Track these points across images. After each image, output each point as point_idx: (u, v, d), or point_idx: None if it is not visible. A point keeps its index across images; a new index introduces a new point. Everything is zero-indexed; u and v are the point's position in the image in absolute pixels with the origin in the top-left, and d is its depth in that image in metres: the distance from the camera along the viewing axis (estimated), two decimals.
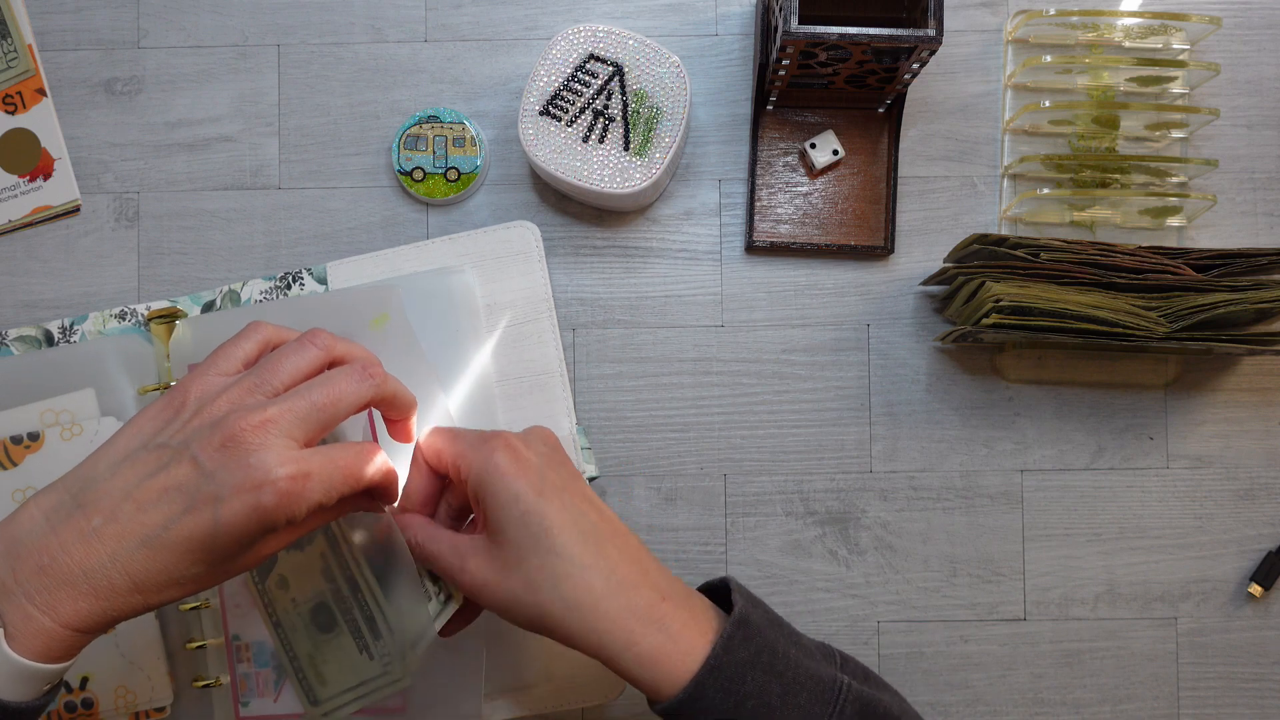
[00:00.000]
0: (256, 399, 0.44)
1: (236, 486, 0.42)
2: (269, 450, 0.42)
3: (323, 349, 0.47)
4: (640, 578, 0.47)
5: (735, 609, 0.47)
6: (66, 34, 0.65)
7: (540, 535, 0.46)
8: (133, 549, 0.42)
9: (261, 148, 0.65)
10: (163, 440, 0.44)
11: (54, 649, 0.42)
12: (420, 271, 0.62)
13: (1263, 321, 0.60)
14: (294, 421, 0.44)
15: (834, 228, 0.64)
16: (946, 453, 0.64)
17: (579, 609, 0.45)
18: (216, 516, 0.42)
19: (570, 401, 0.62)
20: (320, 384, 0.45)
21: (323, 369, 0.47)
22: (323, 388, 0.45)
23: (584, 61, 0.60)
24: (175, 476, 0.42)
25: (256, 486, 0.42)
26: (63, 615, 0.41)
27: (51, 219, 0.65)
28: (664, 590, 0.47)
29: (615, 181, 0.59)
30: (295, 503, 0.43)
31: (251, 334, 0.48)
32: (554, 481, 0.47)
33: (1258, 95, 0.65)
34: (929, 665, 0.63)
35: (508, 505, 0.46)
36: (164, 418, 0.45)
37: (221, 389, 0.45)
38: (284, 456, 0.43)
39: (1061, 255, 0.57)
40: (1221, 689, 0.63)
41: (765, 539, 0.63)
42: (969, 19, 0.65)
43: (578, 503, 0.47)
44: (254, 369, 0.46)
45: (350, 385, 0.46)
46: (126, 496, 0.42)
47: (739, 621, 0.46)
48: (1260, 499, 0.64)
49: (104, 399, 0.60)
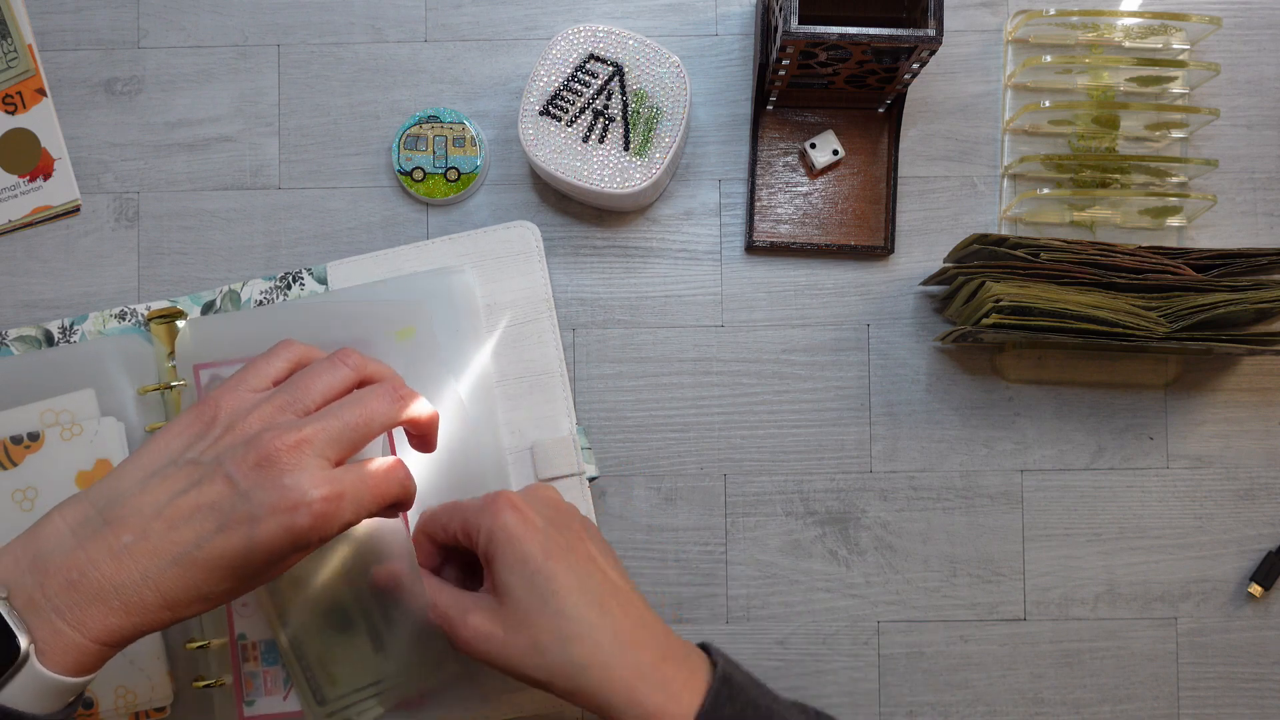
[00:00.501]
0: (289, 418, 0.45)
1: (272, 507, 0.42)
2: (304, 471, 0.43)
3: (354, 369, 0.48)
4: (644, 636, 0.48)
5: (719, 668, 0.48)
6: (66, 34, 0.65)
7: (548, 597, 0.47)
8: (164, 567, 0.42)
9: (261, 148, 0.65)
10: (193, 456, 0.44)
11: (83, 663, 0.42)
12: (420, 271, 0.62)
13: (1263, 321, 0.60)
14: (327, 442, 0.44)
15: (834, 228, 0.64)
16: (946, 453, 0.64)
17: (587, 669, 0.47)
18: (251, 536, 0.42)
19: (570, 402, 0.62)
20: (352, 404, 0.46)
21: (353, 388, 0.48)
22: (355, 408, 0.45)
23: (584, 61, 0.60)
24: (208, 494, 0.42)
25: (292, 508, 0.42)
26: (92, 630, 0.41)
27: (51, 219, 0.65)
28: (665, 649, 0.48)
29: (615, 181, 0.59)
30: (329, 523, 0.43)
31: (282, 352, 0.49)
32: (560, 543, 0.49)
33: (1258, 95, 0.65)
34: (929, 665, 0.63)
35: (515, 567, 0.48)
36: (193, 432, 0.45)
37: (253, 405, 0.45)
38: (319, 478, 0.43)
39: (1061, 255, 0.57)
40: (1221, 689, 0.63)
41: (765, 539, 0.63)
42: (969, 19, 0.65)
43: (583, 563, 0.49)
44: (285, 386, 0.46)
45: (381, 406, 0.46)
46: (157, 514, 0.42)
47: (724, 679, 0.48)
48: (1260, 499, 0.64)
49: (104, 399, 0.60)
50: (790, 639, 0.63)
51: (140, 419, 0.60)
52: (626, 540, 0.63)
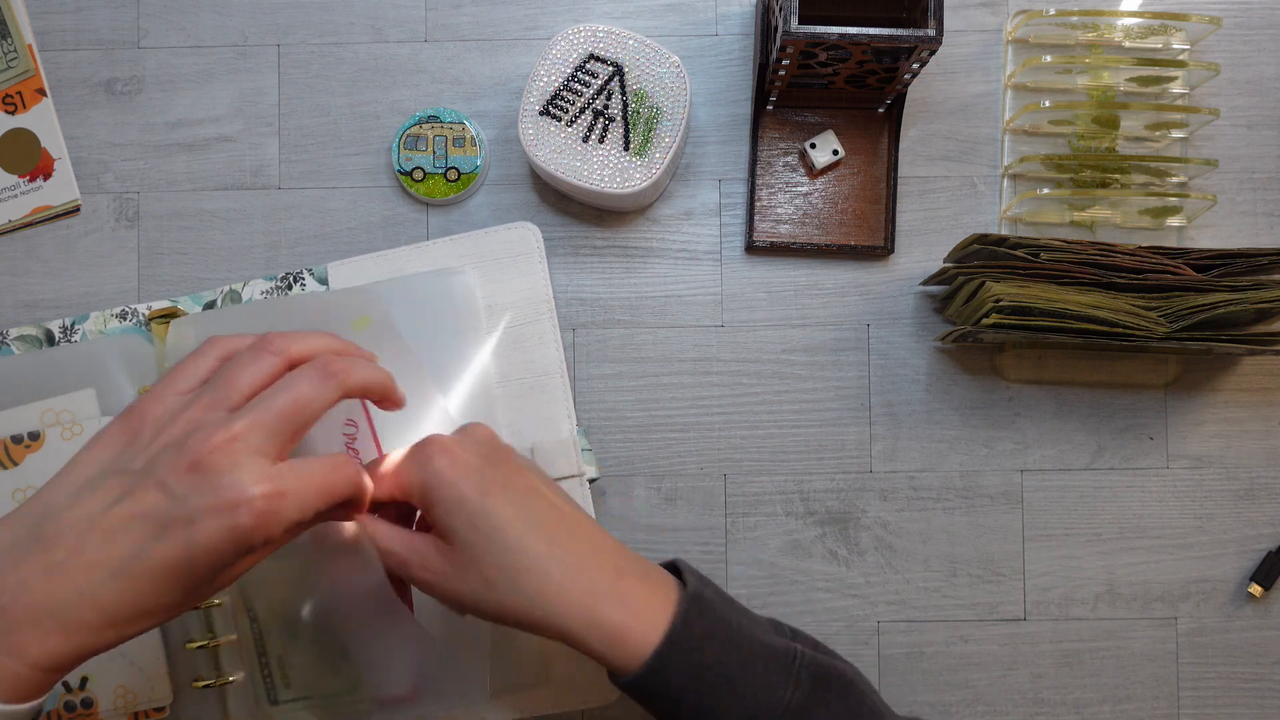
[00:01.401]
0: (217, 415, 0.43)
1: (210, 508, 0.40)
2: (241, 469, 0.41)
3: (277, 354, 0.45)
4: (596, 558, 0.47)
5: (689, 586, 0.47)
6: (66, 34, 0.65)
7: (491, 534, 0.46)
8: (102, 581, 0.40)
9: (261, 148, 0.65)
10: (124, 465, 0.42)
11: (24, 690, 0.40)
12: (421, 272, 0.62)
13: (1263, 321, 0.60)
14: (262, 436, 0.42)
15: (834, 228, 0.64)
16: (946, 453, 0.64)
17: (539, 598, 0.45)
18: (191, 541, 0.40)
19: (571, 403, 0.62)
20: (281, 390, 0.43)
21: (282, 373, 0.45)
22: (284, 394, 0.43)
23: (584, 61, 0.60)
24: (142, 503, 0.40)
25: (231, 507, 0.40)
26: (30, 656, 0.39)
27: (51, 219, 0.65)
28: (621, 567, 0.47)
29: (615, 181, 0.59)
30: (272, 522, 0.41)
31: (207, 350, 0.47)
32: (495, 478, 0.47)
33: (1258, 95, 0.65)
34: (929, 665, 0.63)
35: (454, 510, 0.46)
36: (121, 441, 0.43)
37: (180, 408, 0.43)
38: (257, 474, 0.41)
39: (1061, 255, 0.57)
40: (1221, 689, 0.63)
41: (765, 539, 0.63)
42: (969, 19, 0.65)
43: (524, 494, 0.47)
44: (210, 383, 0.44)
45: (312, 387, 0.44)
46: (91, 526, 0.40)
47: (694, 597, 0.47)
48: (1260, 499, 0.64)
49: (104, 399, 0.60)
50: None
51: None
52: (627, 540, 0.63)
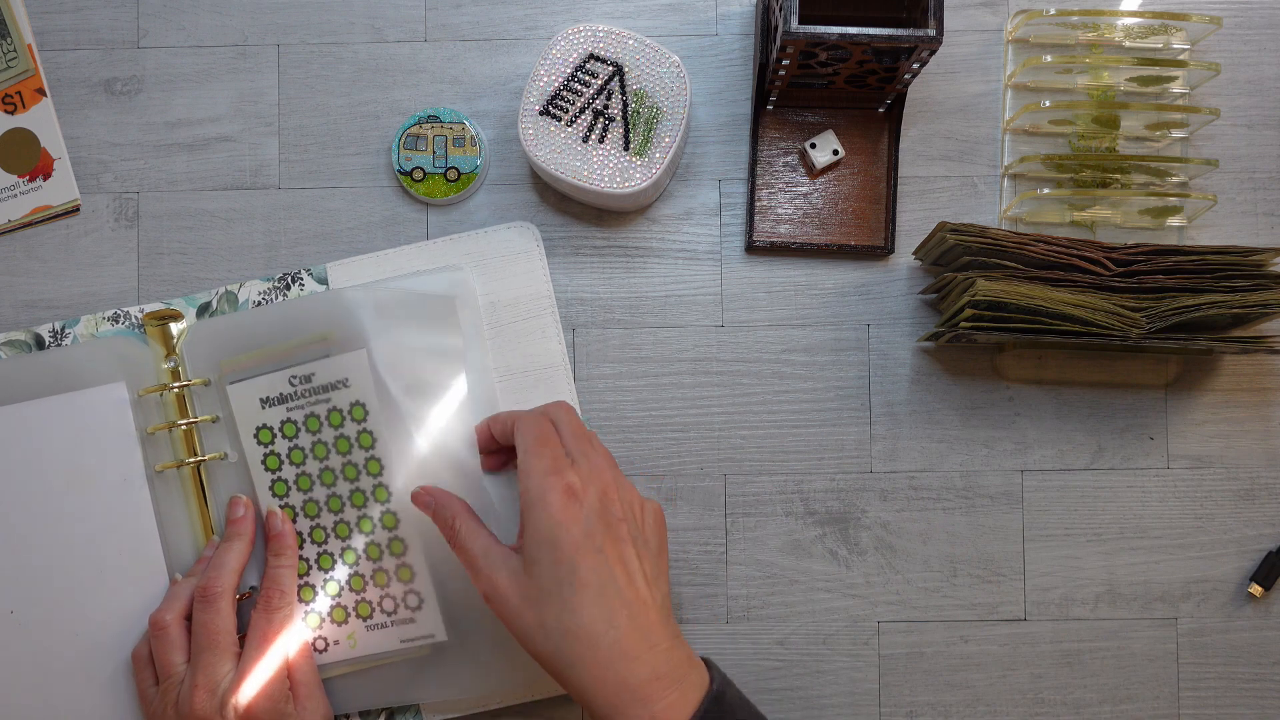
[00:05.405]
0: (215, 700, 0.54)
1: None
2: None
3: (222, 593, 0.57)
4: (643, 651, 0.49)
5: (714, 685, 0.49)
6: (66, 34, 0.65)
7: (565, 585, 0.48)
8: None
9: (261, 148, 0.65)
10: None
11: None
12: (421, 271, 0.62)
13: (1239, 326, 0.60)
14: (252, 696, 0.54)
15: (834, 228, 0.64)
16: (946, 453, 0.64)
17: (577, 667, 0.48)
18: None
19: (574, 396, 0.62)
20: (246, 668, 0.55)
21: (233, 593, 0.57)
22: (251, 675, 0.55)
23: (584, 61, 0.60)
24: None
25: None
26: None
27: (51, 219, 0.65)
28: (660, 669, 0.49)
29: (615, 181, 0.59)
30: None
31: (166, 607, 0.57)
32: (595, 540, 0.50)
33: (1258, 95, 0.65)
34: (929, 665, 0.63)
35: (545, 546, 0.49)
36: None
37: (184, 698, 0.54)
38: None
39: (1050, 247, 0.57)
40: (1221, 689, 0.63)
41: (765, 539, 0.63)
42: (969, 19, 0.65)
43: (611, 564, 0.49)
44: (193, 666, 0.55)
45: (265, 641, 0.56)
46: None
47: (714, 699, 0.49)
48: (1260, 499, 0.64)
49: (103, 399, 0.60)
50: (790, 639, 0.63)
51: (140, 420, 0.60)
52: None
